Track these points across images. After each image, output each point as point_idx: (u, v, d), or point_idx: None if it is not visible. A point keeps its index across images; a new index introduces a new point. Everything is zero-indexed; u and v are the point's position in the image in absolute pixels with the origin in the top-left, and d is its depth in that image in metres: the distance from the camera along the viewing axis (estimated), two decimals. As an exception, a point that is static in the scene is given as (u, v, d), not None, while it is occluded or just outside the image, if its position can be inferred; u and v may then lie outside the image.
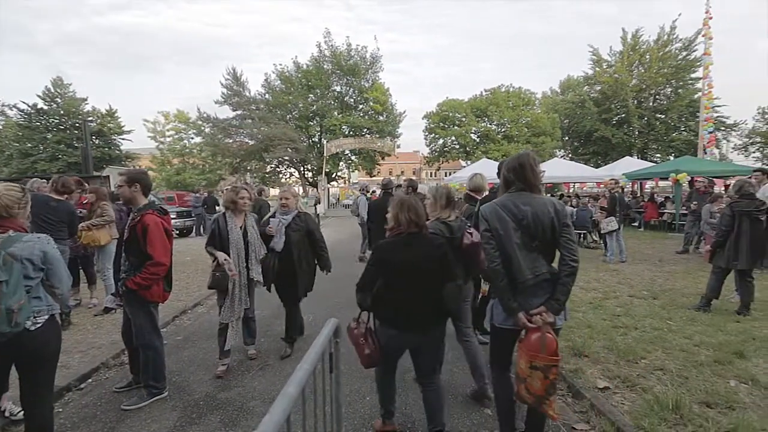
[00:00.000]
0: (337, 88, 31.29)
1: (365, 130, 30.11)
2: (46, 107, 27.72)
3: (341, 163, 32.69)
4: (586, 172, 18.49)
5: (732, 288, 4.97)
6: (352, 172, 40.76)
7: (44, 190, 4.71)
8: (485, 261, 2.74)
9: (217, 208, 13.29)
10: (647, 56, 27.59)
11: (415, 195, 3.25)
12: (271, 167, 31.64)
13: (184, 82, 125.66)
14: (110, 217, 5.24)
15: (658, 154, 28.92)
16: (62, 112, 27.88)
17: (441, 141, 37.32)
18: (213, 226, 3.67)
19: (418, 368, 2.55)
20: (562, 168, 17.55)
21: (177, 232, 13.63)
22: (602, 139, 28.98)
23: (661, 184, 19.19)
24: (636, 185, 18.74)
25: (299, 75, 30.22)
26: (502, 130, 35.38)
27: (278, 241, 3.78)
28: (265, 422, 1.10)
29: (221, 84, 29.39)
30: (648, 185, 19.54)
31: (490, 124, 36.12)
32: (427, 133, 37.99)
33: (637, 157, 24.76)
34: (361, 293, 2.38)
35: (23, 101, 27.14)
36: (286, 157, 28.64)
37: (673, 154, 26.74)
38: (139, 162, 32.83)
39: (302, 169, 31.43)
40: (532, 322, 2.06)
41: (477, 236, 2.82)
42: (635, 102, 28.61)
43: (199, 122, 31.37)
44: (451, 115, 36.82)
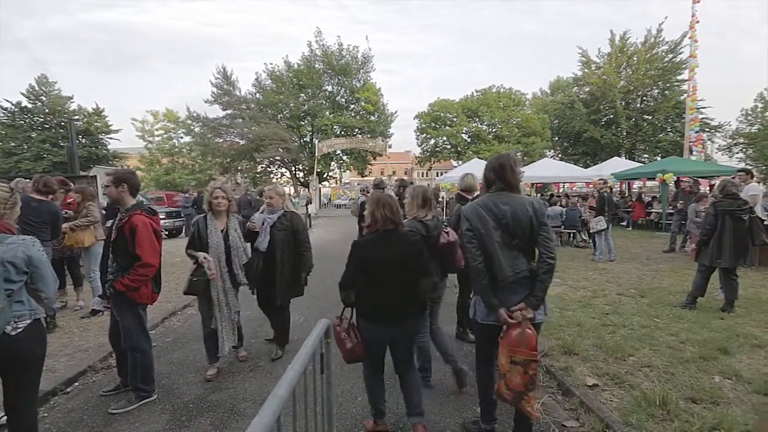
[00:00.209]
0: (329, 88, 31.13)
1: (357, 130, 30.05)
2: (30, 105, 27.09)
3: (333, 163, 32.54)
4: (575, 172, 18.73)
5: (717, 286, 5.08)
6: (344, 172, 40.65)
7: (28, 190, 4.61)
8: (461, 260, 2.82)
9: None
10: (635, 58, 28.02)
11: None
12: (262, 167, 31.36)
13: (173, 82, 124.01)
14: (94, 217, 5.14)
15: (646, 155, 29.43)
16: (47, 111, 27.25)
17: (432, 141, 37.38)
18: (193, 228, 3.54)
19: (395, 357, 2.61)
20: (552, 168, 17.78)
21: (166, 233, 13.48)
22: (591, 140, 29.36)
23: (649, 184, 19.48)
24: (624, 185, 19.05)
25: (290, 74, 29.99)
26: (493, 130, 35.57)
27: (262, 241, 3.72)
28: (255, 424, 1.10)
29: (211, 83, 29.02)
30: (636, 185, 19.86)
31: (481, 124, 36.28)
32: (418, 133, 38.06)
33: (625, 158, 25.09)
34: (345, 291, 2.46)
35: (6, 99, 26.55)
36: (278, 157, 28.44)
37: (659, 154, 27.19)
38: (128, 162, 32.33)
39: (293, 169, 31.24)
40: (512, 318, 2.12)
41: (453, 236, 2.93)
42: (623, 103, 29.03)
43: (189, 121, 30.93)
44: (442, 115, 36.92)
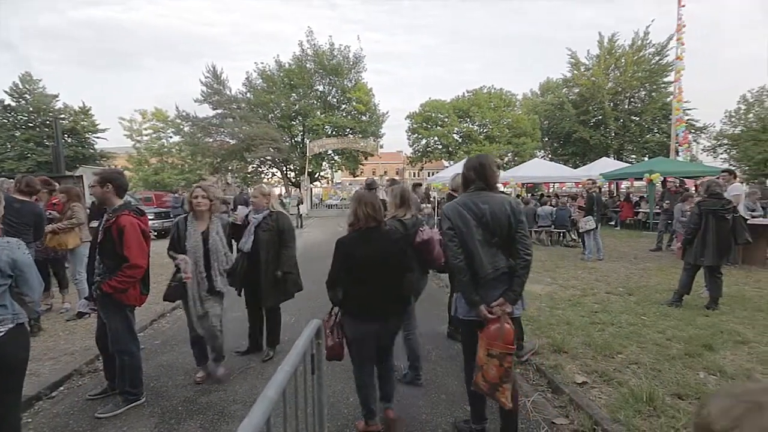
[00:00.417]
0: (320, 88, 31.03)
1: (348, 130, 30.00)
2: (13, 104, 26.52)
3: (324, 163, 32.46)
4: (565, 172, 18.95)
5: (702, 284, 5.18)
6: (335, 172, 40.55)
7: (12, 191, 4.50)
8: (440, 257, 2.87)
9: None
10: (623, 60, 28.51)
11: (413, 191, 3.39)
12: (252, 167, 31.13)
13: (162, 80, 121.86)
14: (78, 219, 5.01)
15: (633, 155, 29.97)
16: (31, 109, 26.72)
17: (424, 141, 37.50)
18: (173, 229, 3.36)
19: (377, 352, 2.63)
20: (542, 168, 17.97)
21: (155, 234, 13.27)
22: (580, 141, 29.78)
23: (636, 184, 19.84)
24: (612, 185, 19.32)
25: (281, 74, 29.81)
26: (484, 130, 35.80)
27: (246, 241, 3.65)
28: (244, 426, 1.09)
29: (201, 82, 28.74)
30: (624, 185, 20.21)
31: (472, 124, 36.50)
32: (410, 134, 38.13)
33: (614, 158, 25.49)
34: (332, 290, 2.50)
35: (-11, 97, 25.96)
36: (268, 157, 28.27)
37: (647, 155, 27.70)
38: (115, 161, 31.82)
39: (285, 169, 31.08)
40: (492, 313, 2.18)
41: (428, 234, 3.02)
42: (611, 104, 29.52)
43: (178, 121, 30.52)
44: (433, 115, 37.06)
